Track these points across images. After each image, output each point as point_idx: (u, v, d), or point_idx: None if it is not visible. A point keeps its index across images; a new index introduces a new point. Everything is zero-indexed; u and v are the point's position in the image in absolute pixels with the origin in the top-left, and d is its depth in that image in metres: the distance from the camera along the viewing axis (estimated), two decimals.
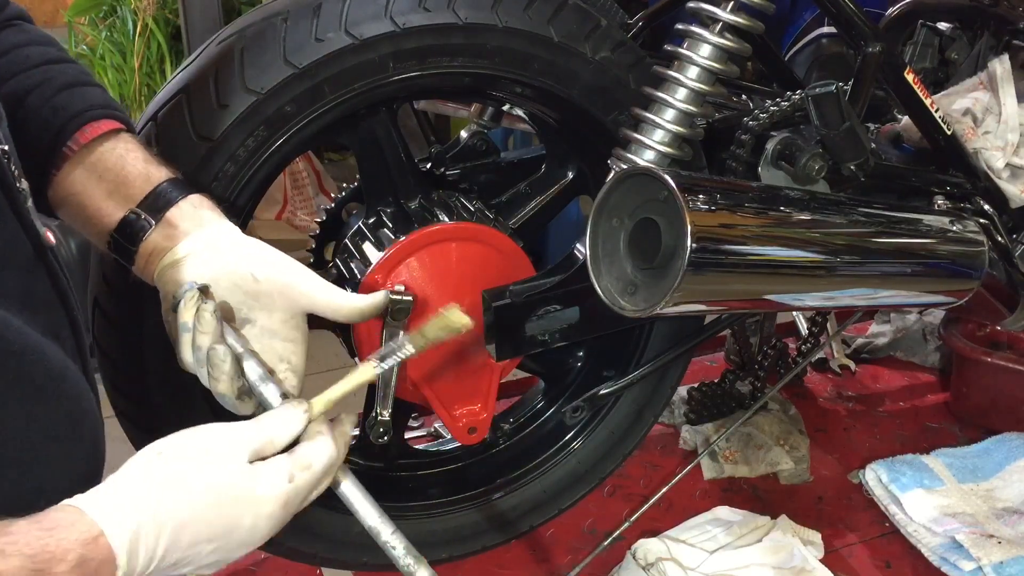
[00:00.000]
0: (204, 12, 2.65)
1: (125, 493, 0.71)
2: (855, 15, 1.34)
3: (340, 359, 1.29)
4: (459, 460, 1.55)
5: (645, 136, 1.23)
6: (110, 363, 1.18)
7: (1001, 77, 1.53)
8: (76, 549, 0.65)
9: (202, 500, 0.73)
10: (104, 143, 0.93)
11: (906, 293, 1.37)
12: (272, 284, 0.91)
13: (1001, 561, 1.49)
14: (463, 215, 1.32)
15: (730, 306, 1.34)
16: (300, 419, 0.81)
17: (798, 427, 1.88)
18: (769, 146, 1.32)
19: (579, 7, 1.24)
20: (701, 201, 1.08)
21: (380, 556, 1.42)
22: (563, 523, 1.61)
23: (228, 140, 1.11)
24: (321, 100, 1.14)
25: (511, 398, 1.69)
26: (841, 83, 1.27)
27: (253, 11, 1.17)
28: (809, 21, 1.91)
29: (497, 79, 1.24)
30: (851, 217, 1.28)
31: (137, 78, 3.31)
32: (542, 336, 1.33)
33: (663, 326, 1.49)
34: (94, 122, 0.93)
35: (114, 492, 0.71)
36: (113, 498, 0.70)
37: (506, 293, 1.30)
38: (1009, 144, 1.50)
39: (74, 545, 0.66)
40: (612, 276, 1.15)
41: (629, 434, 1.56)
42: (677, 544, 1.50)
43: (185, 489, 0.73)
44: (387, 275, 1.26)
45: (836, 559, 1.56)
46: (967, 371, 1.99)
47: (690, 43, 1.22)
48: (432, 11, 1.16)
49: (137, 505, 0.70)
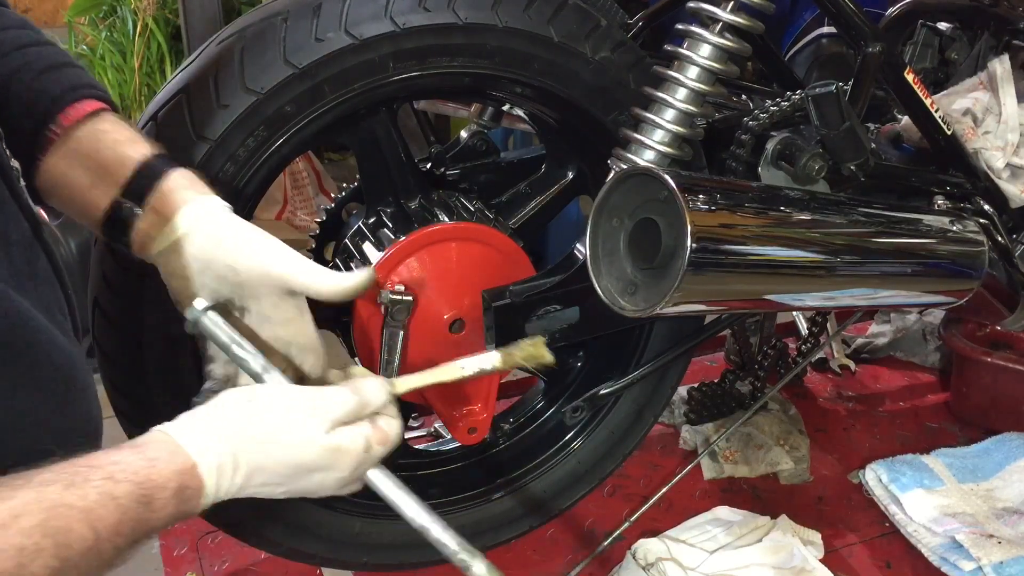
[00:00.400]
0: (204, 12, 2.65)
1: (214, 430, 0.77)
2: (855, 15, 1.34)
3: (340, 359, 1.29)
4: (459, 460, 1.55)
5: (645, 136, 1.23)
6: (110, 363, 1.18)
7: (1001, 77, 1.53)
8: (175, 479, 0.72)
9: (278, 453, 0.78)
10: (82, 127, 0.92)
11: (906, 293, 1.37)
12: (251, 272, 0.90)
13: (1001, 561, 1.49)
14: (463, 215, 1.32)
15: (730, 306, 1.34)
16: (385, 394, 0.87)
17: (798, 427, 1.88)
18: (769, 146, 1.32)
19: (579, 7, 1.24)
20: (701, 201, 1.08)
21: (380, 556, 1.44)
22: (563, 523, 1.62)
23: (228, 140, 1.11)
24: (321, 100, 1.14)
25: (511, 398, 1.69)
26: (841, 83, 1.27)
27: (253, 11, 1.17)
28: (809, 21, 1.91)
29: (497, 79, 1.24)
30: (851, 217, 1.28)
31: (137, 78, 3.31)
32: (542, 336, 1.33)
33: (663, 326, 1.49)
34: (76, 103, 0.92)
35: (204, 427, 0.77)
36: (204, 432, 0.76)
37: (506, 293, 1.30)
38: (1009, 144, 1.50)
39: (174, 476, 0.72)
40: (612, 276, 1.15)
41: (629, 434, 1.56)
42: (677, 544, 1.50)
43: (267, 438, 0.78)
44: (387, 275, 1.26)
45: (836, 559, 1.56)
46: (967, 371, 1.99)
47: (690, 43, 1.22)
48: (432, 11, 1.16)
49: (223, 443, 0.76)
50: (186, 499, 0.73)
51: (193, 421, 0.77)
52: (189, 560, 1.54)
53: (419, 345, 1.28)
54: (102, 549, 0.66)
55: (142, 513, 0.69)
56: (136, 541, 0.69)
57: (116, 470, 0.69)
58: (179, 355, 1.17)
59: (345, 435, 0.82)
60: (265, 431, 0.78)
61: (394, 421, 0.87)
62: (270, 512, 1.31)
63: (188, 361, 1.18)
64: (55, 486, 0.65)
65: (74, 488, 0.66)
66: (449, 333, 1.30)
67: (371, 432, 0.84)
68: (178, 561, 1.54)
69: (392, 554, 1.44)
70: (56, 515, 0.63)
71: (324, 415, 0.81)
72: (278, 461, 0.79)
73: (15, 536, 0.61)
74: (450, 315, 1.29)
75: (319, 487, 0.83)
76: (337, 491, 0.85)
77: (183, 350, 1.17)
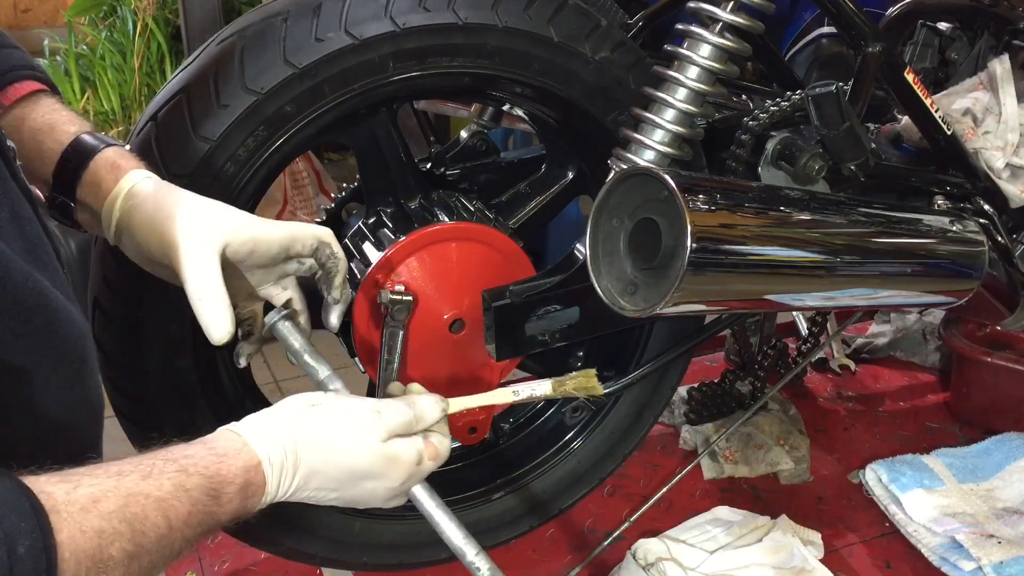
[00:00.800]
0: (204, 12, 2.65)
1: (278, 431, 0.80)
2: (855, 15, 1.34)
3: (340, 359, 1.29)
4: (459, 460, 1.55)
5: (645, 136, 1.23)
6: (110, 363, 1.18)
7: (1001, 77, 1.53)
8: (242, 475, 0.75)
9: (336, 457, 0.82)
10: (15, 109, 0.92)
11: (906, 293, 1.37)
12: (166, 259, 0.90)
13: (1001, 561, 1.49)
14: (463, 215, 1.32)
15: (730, 306, 1.34)
16: (440, 411, 0.91)
17: (798, 427, 1.88)
18: (769, 146, 1.32)
19: (579, 7, 1.24)
20: (701, 201, 1.08)
21: (380, 556, 1.44)
22: (563, 523, 1.62)
23: (228, 140, 1.11)
24: (321, 100, 1.14)
25: None
26: (841, 83, 1.27)
27: (253, 11, 1.17)
28: (809, 21, 1.90)
29: (497, 79, 1.24)
30: (851, 217, 1.28)
31: (137, 78, 3.31)
32: (542, 336, 1.33)
33: (663, 326, 1.49)
34: (15, 84, 0.92)
35: (269, 428, 0.80)
36: (268, 434, 0.79)
37: (506, 293, 1.30)
38: (1009, 144, 1.50)
39: (240, 472, 0.75)
40: (612, 276, 1.15)
41: (629, 434, 1.56)
42: (677, 544, 1.50)
43: (326, 445, 0.81)
44: (387, 275, 1.26)
45: (836, 559, 1.56)
46: (967, 371, 1.99)
47: (690, 43, 1.22)
48: (432, 11, 1.15)
49: (285, 445, 0.79)
50: (250, 495, 0.76)
51: (259, 422, 0.81)
52: (189, 560, 1.54)
53: (419, 345, 1.28)
54: (173, 538, 0.69)
55: (210, 506, 0.72)
56: (203, 533, 0.72)
57: (189, 463, 0.72)
58: (179, 355, 1.17)
59: (400, 446, 0.85)
60: (325, 435, 0.82)
61: (445, 439, 0.91)
62: (270, 512, 1.31)
63: (188, 361, 1.18)
64: (132, 476, 0.68)
65: (150, 479, 0.69)
66: (449, 333, 1.30)
67: (423, 446, 0.87)
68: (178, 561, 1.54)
69: (392, 554, 1.44)
70: (133, 502, 0.66)
71: (382, 425, 0.85)
72: (335, 465, 0.82)
73: (95, 519, 0.64)
74: (450, 315, 1.29)
75: (370, 496, 0.85)
76: (385, 502, 0.88)
77: (183, 350, 1.17)
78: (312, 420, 0.83)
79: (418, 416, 0.88)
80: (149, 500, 0.67)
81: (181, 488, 0.70)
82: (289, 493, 0.80)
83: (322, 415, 0.83)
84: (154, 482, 0.69)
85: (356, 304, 1.27)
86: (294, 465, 0.79)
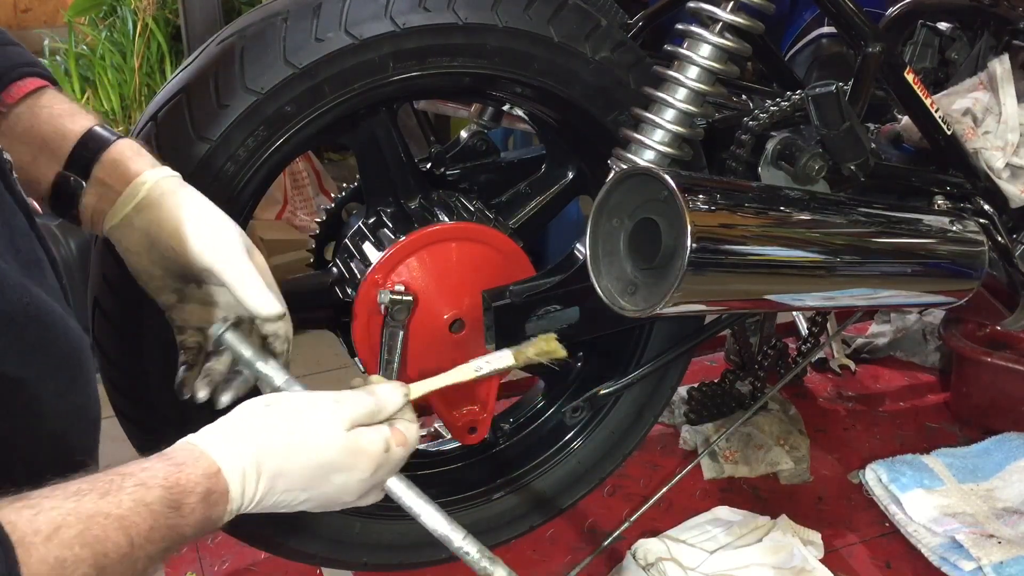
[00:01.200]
0: (204, 12, 2.65)
1: (234, 437, 0.77)
2: (855, 15, 1.34)
3: (340, 359, 1.29)
4: (459, 460, 1.54)
5: (645, 136, 1.23)
6: (110, 363, 1.18)
7: (1001, 77, 1.53)
8: (203, 483, 0.73)
9: (299, 454, 0.79)
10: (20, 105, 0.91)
11: (906, 293, 1.37)
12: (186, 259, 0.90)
13: (1001, 561, 1.49)
14: (463, 215, 1.32)
15: (730, 306, 1.34)
16: (402, 396, 0.88)
17: (798, 427, 1.88)
18: (769, 146, 1.32)
19: (579, 7, 1.24)
20: (701, 201, 1.08)
21: (380, 556, 1.44)
22: (563, 523, 1.61)
23: (228, 140, 1.11)
24: (321, 100, 1.14)
25: (511, 398, 1.69)
26: (841, 83, 1.27)
27: (253, 11, 1.17)
28: (809, 21, 1.90)
29: (497, 79, 1.24)
30: (851, 217, 1.28)
31: (137, 78, 3.30)
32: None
33: (663, 326, 1.49)
34: (18, 82, 0.91)
35: (225, 434, 0.78)
36: (225, 439, 0.77)
37: (506, 293, 1.30)
38: (1009, 144, 1.50)
39: (200, 479, 0.73)
40: (612, 276, 1.15)
41: (629, 434, 1.56)
42: (677, 544, 1.50)
43: (286, 443, 0.79)
44: (387, 275, 1.26)
45: (836, 559, 1.56)
46: (967, 371, 1.99)
47: (690, 43, 1.22)
48: (432, 11, 1.15)
49: (243, 449, 0.77)
50: (213, 503, 0.74)
51: (215, 430, 0.79)
52: (189, 560, 1.54)
53: (419, 345, 1.28)
54: (136, 556, 0.67)
55: (172, 518, 0.70)
56: (167, 548, 0.70)
57: (147, 476, 0.70)
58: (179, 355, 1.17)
59: (364, 434, 0.83)
60: (284, 434, 0.79)
61: (412, 425, 0.88)
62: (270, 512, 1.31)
63: None
64: (91, 495, 0.66)
65: (109, 496, 0.67)
66: (449, 333, 1.30)
67: (390, 434, 0.85)
68: (178, 561, 1.54)
69: (392, 554, 1.44)
70: (93, 524, 0.65)
71: (342, 415, 0.82)
72: (299, 462, 0.79)
73: (56, 548, 0.62)
74: (450, 315, 1.29)
75: (341, 491, 0.83)
76: (359, 497, 0.85)
77: None
78: (269, 421, 0.80)
79: (380, 403, 0.85)
80: (109, 520, 0.66)
81: (141, 503, 0.68)
82: (257, 499, 0.78)
83: (278, 414, 0.81)
84: (113, 499, 0.67)
85: (356, 304, 1.27)
86: (257, 469, 0.77)
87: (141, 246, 0.90)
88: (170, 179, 0.92)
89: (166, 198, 0.90)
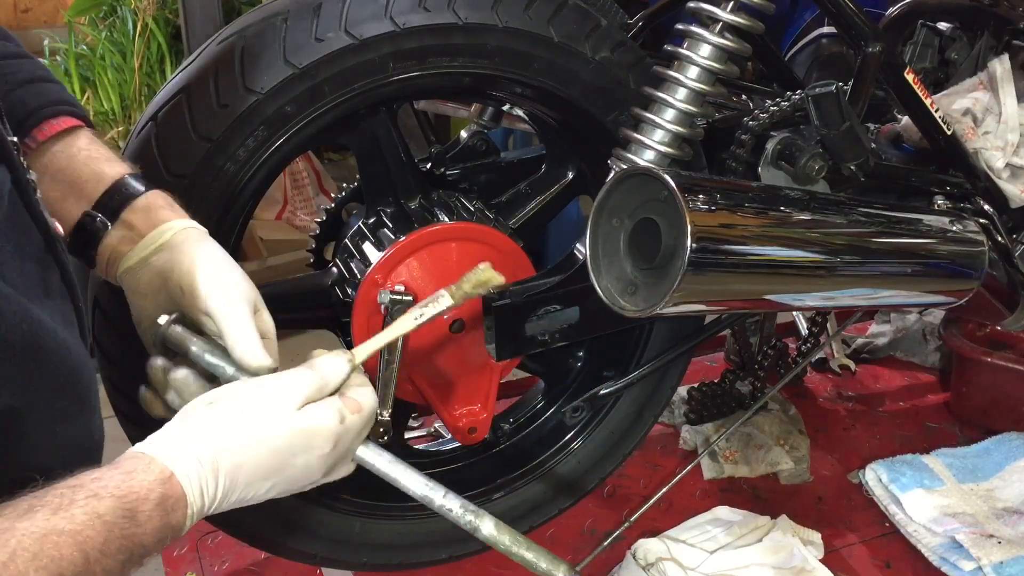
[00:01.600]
0: (204, 12, 2.65)
1: (181, 439, 0.76)
2: (855, 15, 1.34)
3: None
4: (459, 460, 1.54)
5: (645, 136, 1.23)
6: (110, 363, 1.18)
7: (1001, 77, 1.53)
8: (156, 489, 0.71)
9: (252, 444, 0.78)
10: (57, 143, 0.92)
11: (906, 293, 1.37)
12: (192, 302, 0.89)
13: (1001, 561, 1.49)
14: (463, 215, 1.32)
15: (730, 306, 1.34)
16: (346, 365, 0.85)
17: (798, 427, 1.88)
18: (769, 146, 1.32)
19: (579, 7, 1.24)
20: (701, 201, 1.08)
21: (380, 556, 1.44)
22: (563, 523, 1.61)
23: (228, 140, 1.11)
24: (321, 100, 1.14)
25: (511, 398, 1.69)
26: (841, 83, 1.27)
27: (253, 11, 1.17)
28: (809, 21, 1.90)
29: (497, 79, 1.24)
30: (851, 217, 1.28)
31: (137, 78, 3.30)
32: (542, 336, 1.33)
33: (663, 326, 1.49)
34: (53, 119, 0.92)
35: (172, 438, 0.76)
36: (173, 443, 0.75)
37: (506, 293, 1.30)
38: (1009, 144, 1.50)
39: (154, 485, 0.71)
40: (612, 276, 1.15)
41: (629, 434, 1.56)
42: (677, 544, 1.50)
43: (235, 434, 0.77)
44: (387, 275, 1.26)
45: (836, 559, 1.56)
46: (967, 371, 1.99)
47: (690, 43, 1.22)
48: (432, 11, 1.16)
49: (194, 450, 0.75)
50: (171, 509, 0.72)
51: (162, 435, 0.77)
52: (189, 560, 1.54)
53: (419, 345, 1.28)
54: (92, 571, 0.65)
55: (128, 528, 0.68)
56: (127, 561, 0.68)
57: (99, 487, 0.68)
58: None
59: (314, 410, 0.81)
60: (234, 427, 0.78)
61: (364, 389, 0.86)
62: (270, 512, 1.31)
63: None
64: (43, 511, 0.65)
65: (61, 511, 0.65)
66: (449, 333, 1.30)
67: (341, 404, 0.83)
68: (178, 561, 1.54)
69: (392, 554, 1.44)
70: (48, 543, 0.63)
71: (288, 396, 0.81)
72: (254, 452, 0.78)
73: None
74: (450, 315, 1.29)
75: (305, 471, 0.81)
76: (326, 473, 0.84)
77: None
78: (216, 417, 0.78)
79: (324, 376, 0.83)
80: (63, 537, 0.64)
81: (94, 515, 0.66)
82: (220, 498, 0.76)
83: (225, 408, 0.79)
84: (65, 514, 0.65)
85: (356, 304, 1.27)
86: (213, 468, 0.75)
87: (152, 287, 0.91)
88: (196, 230, 0.92)
89: (187, 244, 0.90)
